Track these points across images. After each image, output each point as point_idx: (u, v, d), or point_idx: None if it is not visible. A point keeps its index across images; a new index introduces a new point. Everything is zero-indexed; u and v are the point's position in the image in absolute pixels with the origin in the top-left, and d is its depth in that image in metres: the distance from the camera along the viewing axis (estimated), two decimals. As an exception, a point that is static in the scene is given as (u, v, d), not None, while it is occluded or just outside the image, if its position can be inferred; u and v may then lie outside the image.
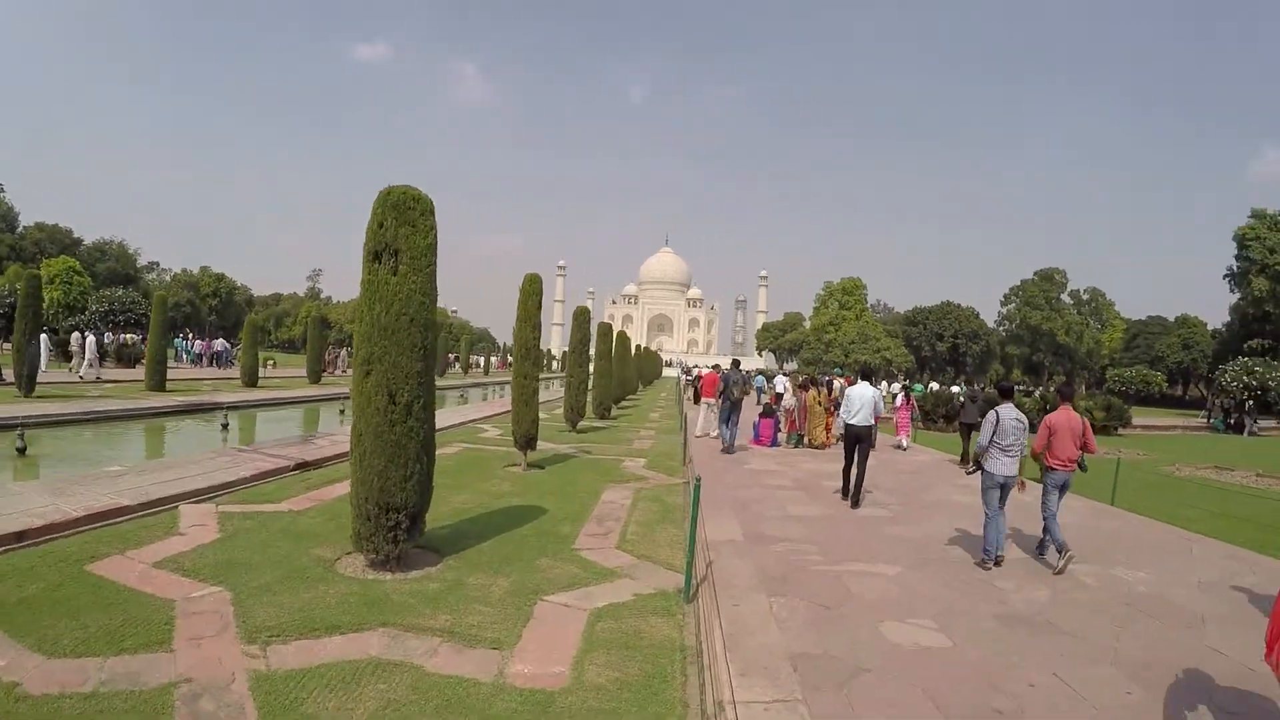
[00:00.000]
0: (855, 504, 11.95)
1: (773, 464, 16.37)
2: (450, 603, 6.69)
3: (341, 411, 26.27)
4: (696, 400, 41.52)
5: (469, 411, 26.27)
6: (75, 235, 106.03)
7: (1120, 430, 42.89)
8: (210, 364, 47.17)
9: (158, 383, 27.62)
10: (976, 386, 20.33)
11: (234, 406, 24.56)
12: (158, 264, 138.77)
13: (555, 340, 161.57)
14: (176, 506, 9.91)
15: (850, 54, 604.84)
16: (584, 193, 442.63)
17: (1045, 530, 9.12)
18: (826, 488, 13.54)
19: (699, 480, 7.53)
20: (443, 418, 23.16)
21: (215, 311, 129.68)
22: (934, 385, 44.80)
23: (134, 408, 21.86)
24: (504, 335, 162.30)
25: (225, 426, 20.20)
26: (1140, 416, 45.05)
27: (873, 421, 12.53)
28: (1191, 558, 9.82)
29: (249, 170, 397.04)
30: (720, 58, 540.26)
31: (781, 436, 19.89)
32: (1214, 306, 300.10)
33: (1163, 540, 10.99)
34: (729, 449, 18.04)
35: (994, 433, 8.99)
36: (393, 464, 7.34)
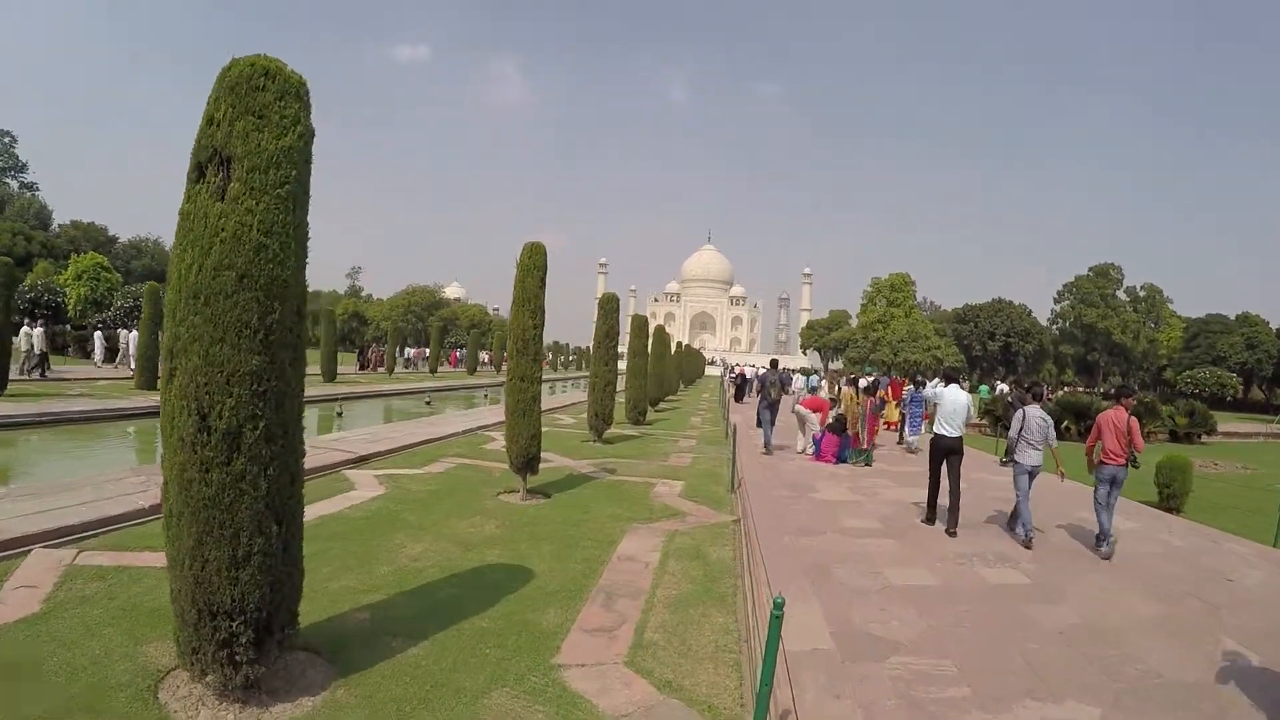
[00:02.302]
0: (953, 531, 10.02)
1: (845, 490, 12.81)
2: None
3: (339, 414, 23.25)
4: (739, 399, 38.59)
5: (483, 415, 22.88)
6: (111, 234, 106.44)
7: (1204, 438, 38.98)
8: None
9: (148, 380, 25.20)
10: (1024, 388, 19.41)
11: None
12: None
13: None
14: (29, 550, 7.16)
15: (895, 52, 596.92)
16: (626, 191, 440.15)
17: (1097, 519, 9.60)
18: (924, 531, 10.08)
19: (780, 604, 4.07)
20: (451, 423, 20.15)
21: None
22: (1002, 387, 40.62)
23: (103, 409, 19.47)
24: (547, 333, 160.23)
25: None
26: (1220, 423, 41.03)
27: (963, 432, 10.67)
28: None
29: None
30: (762, 56, 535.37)
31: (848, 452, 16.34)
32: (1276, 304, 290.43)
33: None
34: (767, 450, 17.35)
35: (1021, 428, 10.03)
36: (212, 538, 4.14)
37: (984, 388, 37.83)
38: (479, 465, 13.55)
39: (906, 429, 20.85)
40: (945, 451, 10.39)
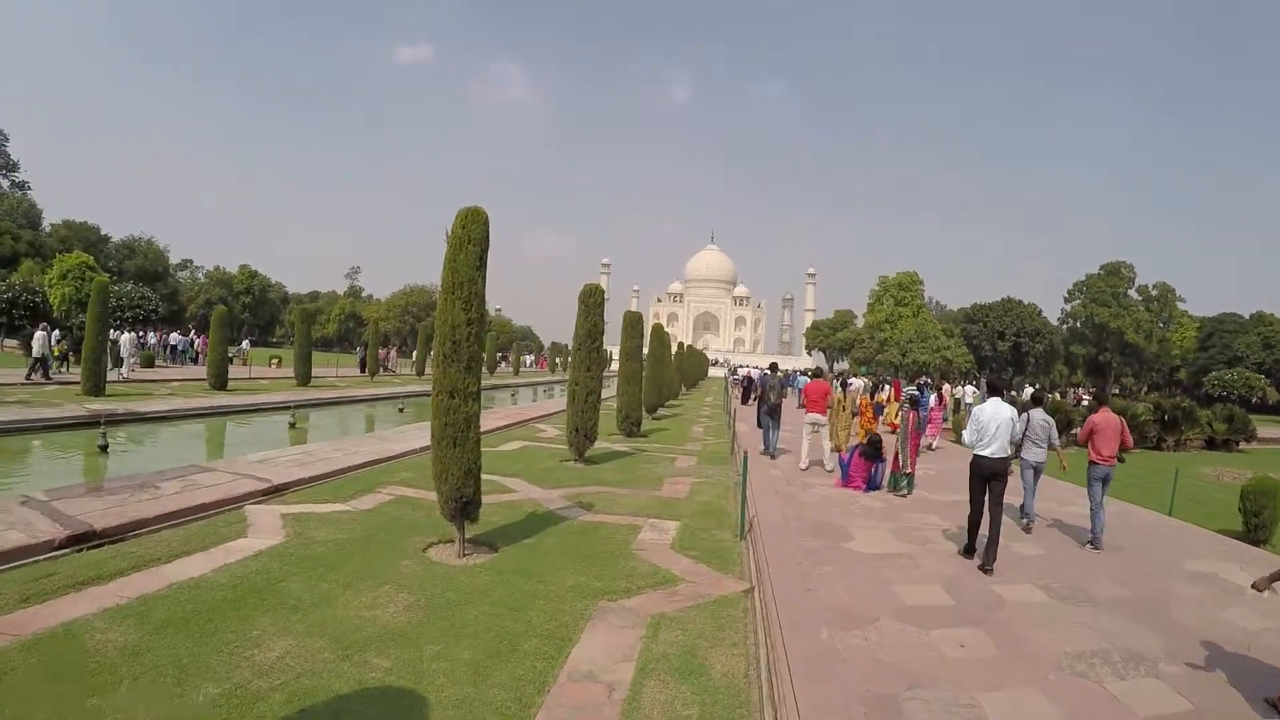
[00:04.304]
0: (988, 567, 8.48)
1: (888, 535, 9.96)
2: None
3: (292, 424, 20.57)
4: (745, 401, 35.59)
5: None
6: (104, 233, 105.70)
7: (1242, 445, 36.30)
8: (192, 361, 42.39)
9: (94, 386, 22.91)
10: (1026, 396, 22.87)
11: (145, 419, 19.58)
12: (190, 261, 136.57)
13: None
14: None
15: (901, 49, 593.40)
16: (629, 191, 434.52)
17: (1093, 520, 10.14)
18: (1013, 608, 7.20)
19: None
20: (410, 438, 16.89)
21: (248, 309, 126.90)
22: (1029, 390, 37.71)
23: (16, 420, 16.75)
24: (548, 335, 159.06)
25: (104, 449, 14.98)
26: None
27: (1009, 452, 9.21)
28: None
29: (291, 172, 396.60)
30: (764, 55, 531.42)
31: (883, 477, 13.46)
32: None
33: None
34: (769, 453, 17.18)
35: (1026, 429, 10.66)
36: None
37: (1012, 393, 34.98)
38: (422, 500, 10.62)
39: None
40: (988, 476, 8.82)
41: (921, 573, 8.11)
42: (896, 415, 22.60)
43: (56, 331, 26.56)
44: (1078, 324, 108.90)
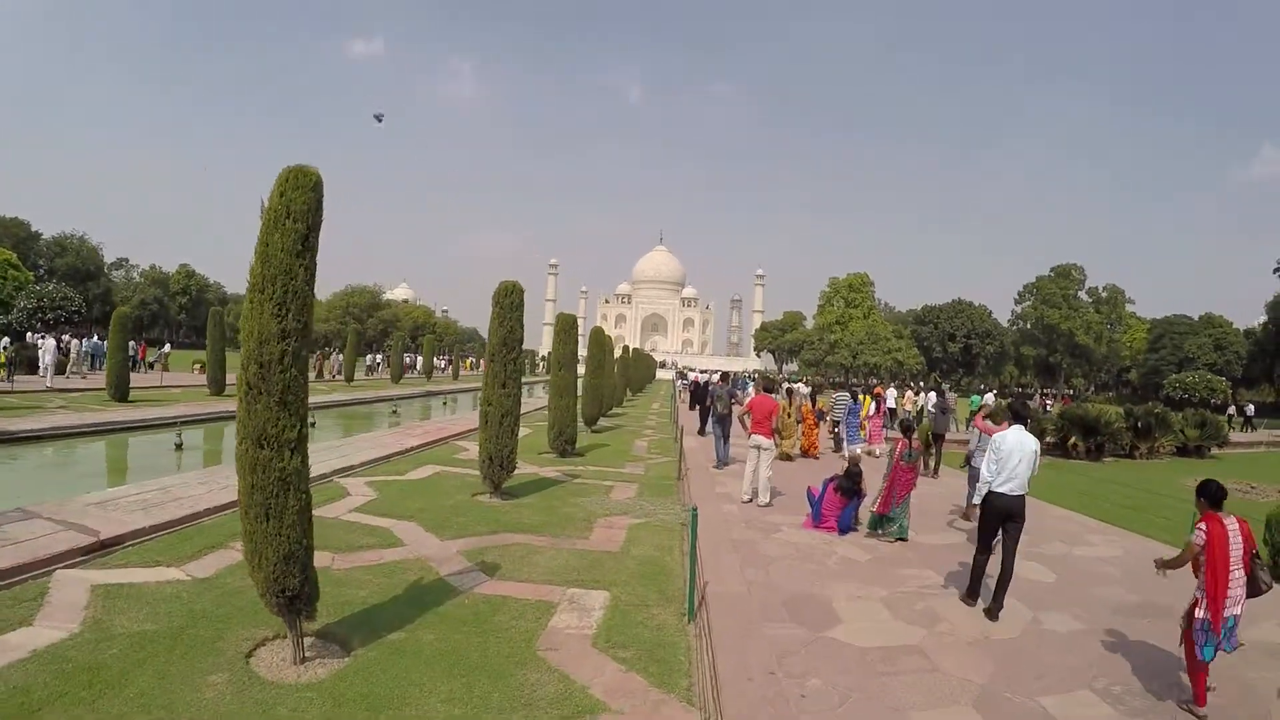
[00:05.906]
0: (994, 615, 7.50)
1: (882, 608, 7.70)
2: None
3: (178, 446, 17.85)
4: (693, 406, 33.14)
5: (362, 446, 17.05)
6: (34, 229, 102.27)
7: (1214, 451, 34.83)
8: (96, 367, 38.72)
9: None
10: (949, 397, 21.57)
11: (14, 439, 17.12)
12: (126, 260, 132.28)
13: (546, 343, 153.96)
14: None
15: (848, 50, 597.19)
16: (577, 191, 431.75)
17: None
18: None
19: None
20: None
21: (185, 310, 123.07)
22: (989, 396, 36.02)
23: None
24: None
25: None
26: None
27: (1028, 490, 7.74)
28: None
29: (236, 167, 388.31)
30: (716, 55, 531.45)
31: (862, 514, 11.14)
32: (1234, 304, 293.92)
33: None
34: (719, 465, 17.18)
35: (979, 442, 10.86)
36: None
37: (976, 397, 33.32)
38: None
39: (845, 440, 19.66)
40: (1003, 515, 7.63)
41: (942, 683, 5.79)
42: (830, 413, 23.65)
43: (5, 338, 23.94)
44: (1028, 325, 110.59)
